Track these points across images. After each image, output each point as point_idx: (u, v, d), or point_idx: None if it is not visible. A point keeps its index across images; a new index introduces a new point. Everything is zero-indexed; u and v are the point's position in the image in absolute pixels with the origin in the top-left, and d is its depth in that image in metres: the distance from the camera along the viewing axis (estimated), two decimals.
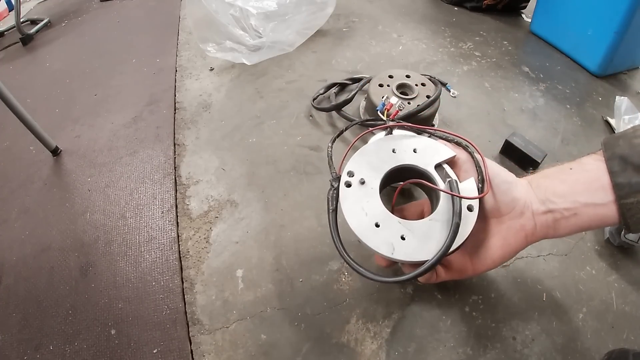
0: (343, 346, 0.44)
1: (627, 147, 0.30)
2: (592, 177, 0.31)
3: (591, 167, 0.32)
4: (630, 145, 0.30)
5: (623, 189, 0.29)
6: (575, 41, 0.85)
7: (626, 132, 0.32)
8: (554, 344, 0.43)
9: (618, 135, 0.32)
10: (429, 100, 0.62)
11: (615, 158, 0.30)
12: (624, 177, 0.29)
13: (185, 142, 0.72)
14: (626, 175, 0.29)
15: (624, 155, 0.29)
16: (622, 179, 0.29)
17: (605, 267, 0.50)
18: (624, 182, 0.29)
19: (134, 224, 0.60)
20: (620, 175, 0.29)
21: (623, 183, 0.29)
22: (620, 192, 0.29)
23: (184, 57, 0.97)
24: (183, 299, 0.50)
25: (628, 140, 0.30)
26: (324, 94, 0.77)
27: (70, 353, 0.48)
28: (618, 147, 0.30)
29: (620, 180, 0.29)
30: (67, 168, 0.73)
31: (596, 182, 0.31)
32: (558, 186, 0.33)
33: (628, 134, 0.31)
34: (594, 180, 0.31)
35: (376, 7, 1.10)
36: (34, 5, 1.62)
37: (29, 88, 1.01)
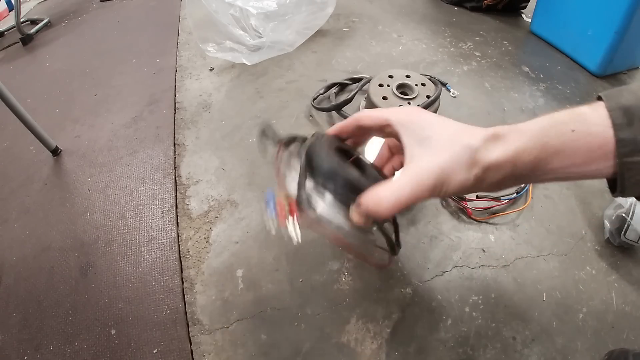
0: (343, 346, 0.44)
1: (633, 98, 0.25)
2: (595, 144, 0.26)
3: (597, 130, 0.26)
4: (638, 97, 0.25)
5: (627, 146, 0.25)
6: (575, 41, 0.85)
7: (630, 85, 0.27)
8: (554, 344, 0.43)
9: (620, 88, 0.27)
10: (429, 100, 0.62)
11: (619, 109, 0.25)
12: (629, 132, 0.25)
13: (185, 142, 0.72)
14: (632, 130, 0.25)
15: (630, 107, 0.25)
16: (627, 134, 0.25)
17: (605, 267, 0.50)
18: (629, 137, 0.25)
19: (134, 224, 0.60)
20: (625, 129, 0.25)
21: (627, 139, 0.25)
22: (624, 149, 0.25)
23: (184, 57, 0.97)
24: (183, 299, 0.50)
25: (633, 92, 0.26)
26: (324, 94, 0.77)
27: (70, 353, 0.48)
28: (623, 98, 0.26)
29: (624, 135, 0.25)
30: (67, 168, 0.73)
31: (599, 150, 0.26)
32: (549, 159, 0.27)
33: (633, 87, 0.27)
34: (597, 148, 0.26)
35: (376, 7, 1.10)
36: (34, 5, 1.62)
37: (29, 88, 1.01)
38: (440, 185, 0.28)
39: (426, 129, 0.30)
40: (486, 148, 0.28)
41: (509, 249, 0.52)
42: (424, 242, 0.53)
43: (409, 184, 0.27)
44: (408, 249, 0.52)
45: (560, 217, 0.55)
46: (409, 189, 0.27)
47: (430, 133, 0.29)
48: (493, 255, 0.51)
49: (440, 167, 0.27)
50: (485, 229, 0.54)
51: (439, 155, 0.28)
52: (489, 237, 0.53)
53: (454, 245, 0.52)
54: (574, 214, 0.56)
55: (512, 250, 0.52)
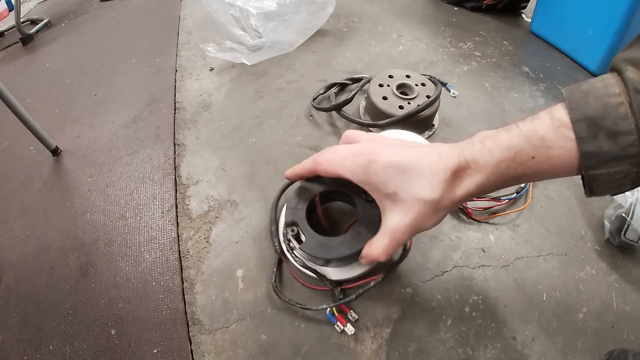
0: (343, 346, 0.44)
1: (598, 107, 0.24)
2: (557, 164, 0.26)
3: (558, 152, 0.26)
4: (604, 105, 0.24)
5: (592, 159, 0.25)
6: (575, 41, 0.85)
7: (594, 85, 0.26)
8: (554, 344, 0.43)
9: (584, 88, 0.26)
10: (429, 100, 0.62)
11: (584, 120, 0.25)
12: (594, 145, 0.24)
13: (185, 142, 0.72)
14: (596, 142, 0.24)
15: (595, 118, 0.24)
16: (592, 147, 0.24)
17: (605, 267, 0.50)
18: (594, 150, 0.24)
19: (134, 224, 0.60)
20: (589, 142, 0.24)
21: (593, 152, 0.24)
22: (589, 162, 0.25)
23: (184, 57, 0.97)
24: (183, 299, 0.50)
25: (599, 98, 0.25)
26: (324, 94, 0.77)
27: (70, 353, 0.48)
28: (587, 107, 0.25)
29: (589, 149, 0.24)
30: (67, 168, 0.73)
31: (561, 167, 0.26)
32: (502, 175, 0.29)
33: (597, 88, 0.25)
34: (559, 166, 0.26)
35: (376, 7, 1.10)
36: (34, 5, 1.62)
37: (29, 88, 1.01)
38: (415, 232, 0.33)
39: (388, 185, 0.32)
40: (447, 195, 0.30)
41: (509, 249, 0.52)
42: (424, 242, 0.53)
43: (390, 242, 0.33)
44: None
45: (560, 217, 0.55)
46: (391, 246, 0.34)
47: (393, 189, 0.32)
48: (493, 255, 0.51)
49: (410, 225, 0.32)
50: (485, 229, 0.54)
51: (407, 214, 0.31)
52: (489, 237, 0.53)
53: (454, 245, 0.52)
54: (574, 214, 0.56)
55: (512, 250, 0.52)
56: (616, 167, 0.24)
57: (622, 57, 0.26)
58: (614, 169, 0.24)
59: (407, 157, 0.31)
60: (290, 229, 0.43)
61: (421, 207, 0.30)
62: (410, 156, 0.31)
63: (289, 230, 0.43)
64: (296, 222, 0.43)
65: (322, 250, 0.41)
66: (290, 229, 0.43)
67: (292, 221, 0.43)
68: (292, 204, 0.44)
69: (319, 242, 0.41)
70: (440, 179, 0.30)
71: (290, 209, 0.44)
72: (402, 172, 0.31)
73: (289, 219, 0.43)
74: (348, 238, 0.41)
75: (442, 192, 0.30)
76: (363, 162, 0.33)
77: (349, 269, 0.46)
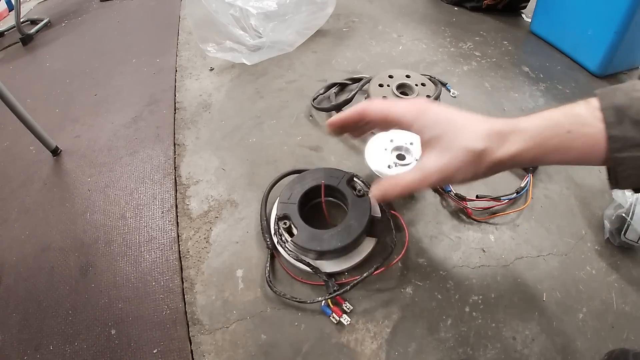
0: (343, 346, 0.44)
1: (625, 98, 0.27)
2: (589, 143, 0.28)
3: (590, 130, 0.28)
4: (630, 97, 0.27)
5: (617, 142, 0.27)
6: (575, 41, 0.85)
7: (623, 85, 0.29)
8: (554, 344, 0.43)
9: (614, 87, 0.29)
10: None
11: (611, 108, 0.28)
12: (619, 130, 0.27)
13: (185, 142, 0.72)
14: (622, 128, 0.27)
15: (621, 107, 0.27)
16: (618, 132, 0.27)
17: (605, 267, 0.50)
18: (619, 134, 0.27)
19: (134, 224, 0.60)
20: (615, 127, 0.27)
21: (618, 136, 0.27)
22: (615, 145, 0.27)
23: (184, 57, 0.97)
24: (183, 299, 0.50)
25: (626, 92, 0.28)
26: (324, 94, 0.77)
27: (70, 353, 0.48)
28: (615, 98, 0.28)
29: (615, 133, 0.27)
30: (67, 168, 0.73)
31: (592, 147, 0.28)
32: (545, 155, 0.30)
33: (626, 86, 0.29)
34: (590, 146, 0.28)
35: (376, 7, 1.10)
36: (34, 5, 1.62)
37: (29, 88, 1.01)
38: (442, 181, 0.33)
39: (434, 128, 0.33)
40: (488, 150, 0.31)
41: (509, 249, 0.52)
42: (424, 242, 0.53)
43: (418, 179, 0.33)
44: (408, 249, 0.52)
45: (560, 217, 0.55)
46: (417, 182, 0.33)
47: (439, 132, 0.32)
48: (493, 255, 0.51)
49: (445, 169, 0.32)
50: (485, 229, 0.54)
51: (444, 157, 0.32)
52: (489, 237, 0.53)
53: (454, 245, 0.52)
54: (574, 214, 0.56)
55: (512, 250, 0.52)
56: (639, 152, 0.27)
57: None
58: (637, 153, 0.27)
59: (458, 113, 0.33)
60: (283, 222, 0.44)
61: (461, 153, 0.31)
62: (461, 113, 0.33)
63: (280, 224, 0.44)
64: (288, 216, 0.44)
65: (313, 242, 0.42)
66: (283, 222, 0.44)
67: (284, 214, 0.44)
68: (284, 197, 0.45)
69: (310, 234, 0.42)
70: (485, 133, 0.31)
71: (282, 203, 0.45)
72: (450, 121, 0.33)
73: (281, 212, 0.44)
74: (339, 231, 0.42)
75: (484, 145, 0.31)
76: (416, 107, 0.35)
77: (341, 261, 0.47)
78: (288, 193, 0.45)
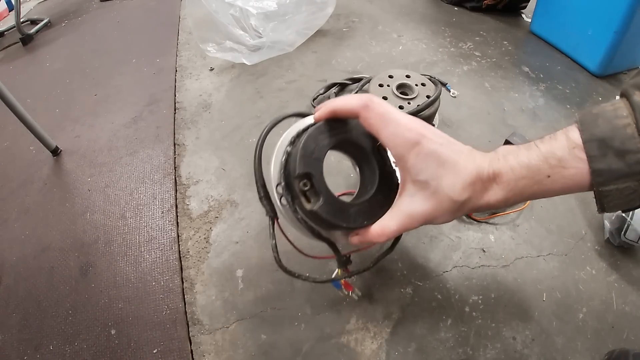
0: (343, 346, 0.44)
1: (607, 128, 0.26)
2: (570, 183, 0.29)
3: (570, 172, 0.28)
4: (612, 127, 0.26)
5: (602, 176, 0.27)
6: (575, 41, 0.85)
7: (605, 109, 0.28)
8: (554, 344, 0.43)
9: (596, 112, 0.28)
10: (429, 100, 0.62)
11: (594, 140, 0.27)
12: (603, 163, 0.26)
13: (185, 142, 0.72)
14: (606, 160, 0.26)
15: (604, 138, 0.26)
16: (602, 165, 0.26)
17: (605, 267, 0.50)
18: (603, 168, 0.26)
19: (134, 224, 0.60)
20: (599, 161, 0.26)
21: (603, 169, 0.26)
22: (599, 179, 0.27)
23: (184, 57, 0.97)
24: (183, 299, 0.50)
25: (608, 120, 0.27)
26: (324, 94, 0.77)
27: (70, 353, 0.48)
28: (597, 128, 0.27)
29: (599, 167, 0.26)
30: (67, 168, 0.73)
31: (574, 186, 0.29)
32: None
33: (607, 112, 0.27)
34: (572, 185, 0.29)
35: (376, 7, 1.10)
36: (34, 5, 1.62)
37: (29, 88, 1.01)
38: (425, 223, 0.33)
39: (423, 173, 0.32)
40: (470, 200, 0.31)
41: (509, 249, 0.52)
42: (424, 242, 0.53)
43: (398, 228, 0.33)
44: (408, 249, 0.52)
45: (560, 217, 0.55)
46: (397, 231, 0.33)
47: (426, 177, 0.32)
48: (493, 255, 0.51)
49: (427, 216, 0.32)
50: (485, 229, 0.54)
51: (429, 204, 0.32)
52: (489, 237, 0.53)
53: (454, 245, 0.52)
54: (574, 214, 0.56)
55: (512, 250, 0.52)
56: (624, 183, 0.26)
57: (631, 83, 0.28)
58: (622, 185, 0.26)
59: (448, 151, 0.32)
60: (302, 183, 0.31)
61: (446, 203, 0.31)
62: (451, 151, 0.32)
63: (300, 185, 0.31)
64: (310, 175, 0.31)
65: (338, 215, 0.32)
66: (302, 182, 0.31)
67: (307, 172, 0.31)
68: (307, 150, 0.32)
69: (335, 206, 0.32)
70: (472, 183, 0.31)
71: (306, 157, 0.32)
72: (440, 165, 0.31)
73: (302, 168, 0.31)
74: (366, 207, 0.33)
75: (469, 195, 0.31)
76: (412, 138, 0.31)
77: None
78: (312, 145, 0.33)
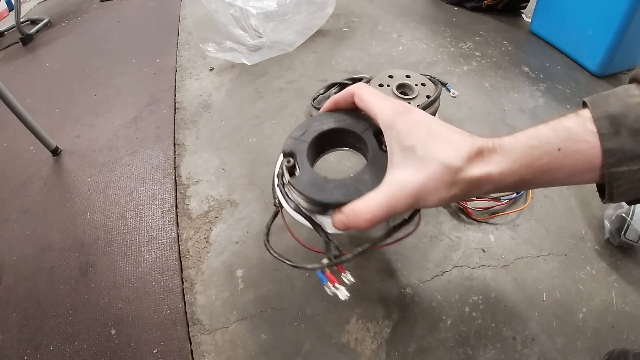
0: (343, 346, 0.44)
1: (619, 105, 0.25)
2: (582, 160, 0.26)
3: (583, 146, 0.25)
4: (625, 104, 0.25)
5: (614, 156, 0.24)
6: (575, 41, 0.85)
7: (616, 90, 0.26)
8: (554, 344, 0.43)
9: (606, 93, 0.26)
10: (429, 100, 0.62)
11: (606, 118, 0.25)
12: (616, 142, 0.24)
13: (185, 142, 0.72)
14: (619, 139, 0.24)
15: (616, 115, 0.24)
16: (614, 144, 0.24)
17: (605, 267, 0.50)
18: (616, 147, 0.24)
19: (134, 224, 0.60)
20: (611, 139, 0.24)
21: (614, 149, 0.24)
22: (611, 159, 0.24)
23: (184, 57, 0.97)
24: (183, 299, 0.50)
25: (621, 98, 0.25)
26: (324, 94, 0.77)
27: (70, 353, 0.48)
28: (609, 106, 0.25)
29: (611, 145, 0.24)
30: (67, 168, 0.73)
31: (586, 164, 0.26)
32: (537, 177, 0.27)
33: (619, 92, 0.26)
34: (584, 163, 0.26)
35: (376, 7, 1.10)
36: (34, 5, 1.62)
37: (29, 88, 1.01)
38: (416, 203, 0.28)
39: (410, 137, 0.29)
40: (468, 168, 0.27)
41: (509, 249, 0.52)
42: (424, 242, 0.53)
43: (386, 202, 0.28)
44: (408, 249, 0.52)
45: (560, 217, 0.55)
46: (386, 207, 0.28)
47: (414, 142, 0.29)
48: (493, 255, 0.51)
49: (418, 187, 0.27)
50: (485, 229, 0.54)
51: (419, 172, 0.28)
52: (489, 237, 0.53)
53: (454, 245, 0.52)
54: (574, 214, 0.56)
55: (512, 250, 0.52)
56: (637, 165, 0.24)
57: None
58: (635, 167, 0.24)
59: (440, 125, 0.30)
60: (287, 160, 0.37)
61: (438, 169, 0.27)
62: (443, 126, 0.30)
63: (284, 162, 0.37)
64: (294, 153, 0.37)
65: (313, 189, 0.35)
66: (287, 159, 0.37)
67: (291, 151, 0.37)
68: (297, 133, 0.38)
69: (312, 179, 0.35)
70: (466, 150, 0.27)
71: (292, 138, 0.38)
72: (430, 133, 0.29)
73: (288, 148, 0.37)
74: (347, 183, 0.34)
75: (463, 162, 0.27)
76: (400, 109, 0.31)
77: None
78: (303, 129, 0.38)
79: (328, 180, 0.35)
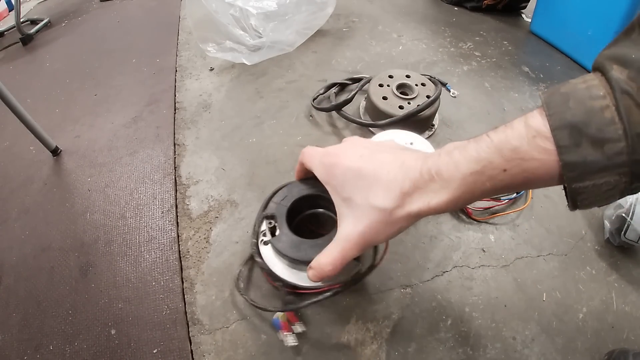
0: (343, 346, 0.44)
1: (581, 111, 0.21)
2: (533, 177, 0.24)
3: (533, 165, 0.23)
4: (587, 109, 0.21)
5: (576, 170, 0.22)
6: (575, 41, 0.85)
7: (576, 87, 0.23)
8: (554, 344, 0.43)
9: (565, 90, 0.23)
10: (429, 100, 0.62)
11: (564, 127, 0.22)
12: (577, 154, 0.21)
13: (185, 142, 0.72)
14: (580, 151, 0.21)
15: (577, 124, 0.21)
16: (575, 157, 0.21)
17: (605, 267, 0.50)
18: (578, 160, 0.21)
19: (134, 224, 0.60)
20: (571, 152, 0.21)
21: (576, 162, 0.21)
22: (571, 174, 0.22)
23: (184, 57, 0.97)
24: (183, 299, 0.50)
25: (581, 101, 0.22)
26: (324, 94, 0.77)
27: (70, 353, 0.48)
28: (568, 112, 0.22)
29: (572, 159, 0.22)
30: (67, 168, 0.73)
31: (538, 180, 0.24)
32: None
33: (579, 90, 0.22)
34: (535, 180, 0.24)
35: (376, 7, 1.10)
36: (34, 5, 1.62)
37: (29, 88, 1.01)
38: (366, 245, 0.31)
39: (345, 188, 0.31)
40: (404, 205, 0.28)
41: (509, 249, 0.52)
42: (423, 242, 0.53)
43: (340, 254, 0.31)
44: (408, 249, 0.52)
45: (560, 217, 0.55)
46: (341, 257, 0.31)
47: (349, 193, 0.31)
48: (493, 255, 0.51)
49: (362, 235, 0.30)
50: (485, 229, 0.54)
51: (360, 222, 0.30)
52: (489, 237, 0.53)
53: (454, 245, 0.52)
54: (574, 214, 0.56)
55: (512, 250, 0.52)
56: (602, 178, 0.21)
57: (606, 54, 0.23)
58: (600, 181, 0.22)
59: (367, 164, 0.30)
60: (268, 222, 0.42)
61: (374, 215, 0.29)
62: (371, 163, 0.30)
63: (265, 223, 0.42)
64: (275, 216, 0.42)
65: (291, 249, 0.39)
66: (268, 221, 0.42)
67: (272, 214, 0.43)
68: (278, 198, 0.44)
69: (290, 240, 0.40)
70: (397, 188, 0.28)
71: (274, 202, 0.44)
72: (359, 178, 0.30)
73: (270, 211, 0.43)
74: (320, 243, 0.38)
75: (397, 202, 0.28)
76: (328, 162, 0.34)
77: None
78: (283, 195, 0.44)
79: (303, 241, 0.40)
